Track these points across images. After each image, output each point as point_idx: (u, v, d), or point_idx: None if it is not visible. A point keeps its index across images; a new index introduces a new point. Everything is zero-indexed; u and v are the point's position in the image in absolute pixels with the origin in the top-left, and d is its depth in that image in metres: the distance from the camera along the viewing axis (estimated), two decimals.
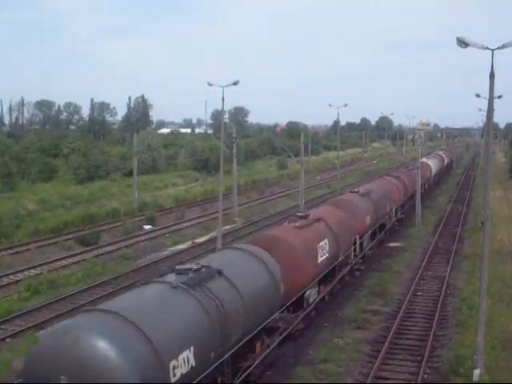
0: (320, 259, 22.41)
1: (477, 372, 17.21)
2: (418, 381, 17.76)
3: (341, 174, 65.25)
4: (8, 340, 21.90)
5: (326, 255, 23.23)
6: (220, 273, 15.43)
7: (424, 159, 67.21)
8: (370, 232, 32.40)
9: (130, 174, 61.30)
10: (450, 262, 32.83)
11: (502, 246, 35.18)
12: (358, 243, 28.88)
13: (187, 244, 38.57)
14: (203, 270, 15.17)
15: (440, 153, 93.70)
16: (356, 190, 35.45)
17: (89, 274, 30.64)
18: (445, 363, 19.06)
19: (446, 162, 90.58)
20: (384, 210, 36.85)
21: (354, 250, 28.37)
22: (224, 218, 41.10)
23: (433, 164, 69.30)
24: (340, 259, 25.45)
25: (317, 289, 22.47)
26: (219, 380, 14.68)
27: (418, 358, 19.72)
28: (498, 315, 22.64)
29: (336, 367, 18.85)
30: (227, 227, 43.35)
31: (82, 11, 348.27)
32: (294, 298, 19.88)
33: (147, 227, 44.34)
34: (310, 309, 21.51)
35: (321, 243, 22.71)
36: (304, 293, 20.86)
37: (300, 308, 20.68)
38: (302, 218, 23.78)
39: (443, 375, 18.27)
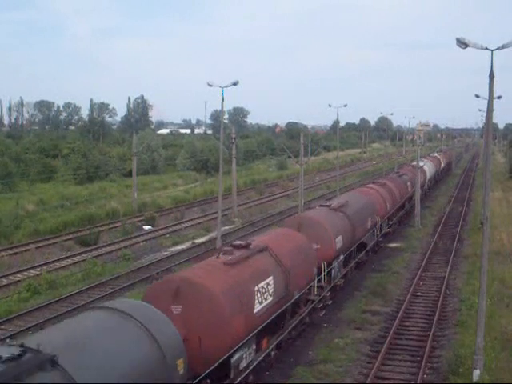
0: (258, 307, 16.52)
1: (476, 372, 17.22)
2: (418, 381, 17.77)
3: (340, 174, 65.26)
4: (8, 340, 21.86)
5: (270, 299, 17.37)
6: (53, 362, 9.11)
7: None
8: (342, 256, 26.66)
9: (129, 174, 61.32)
10: (450, 263, 32.84)
11: (501, 246, 35.21)
12: (324, 272, 23.36)
13: (187, 244, 38.55)
14: (25, 357, 8.97)
15: (436, 155, 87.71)
16: (328, 203, 29.30)
17: (88, 274, 30.63)
18: (444, 363, 19.06)
19: (442, 164, 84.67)
20: (364, 226, 30.65)
21: (319, 281, 22.75)
22: (223, 218, 41.13)
23: (427, 168, 62.94)
24: (294, 299, 19.66)
25: (253, 347, 16.62)
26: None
27: (418, 358, 19.72)
28: (498, 315, 22.66)
29: (336, 367, 18.85)
30: (227, 228, 43.34)
31: (81, 11, 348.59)
32: (213, 367, 14.04)
33: (147, 228, 44.32)
34: (242, 376, 15.71)
35: (261, 284, 16.91)
36: (230, 356, 14.89)
37: (224, 379, 15.07)
38: (239, 247, 17.82)
39: (443, 375, 18.27)
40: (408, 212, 48.23)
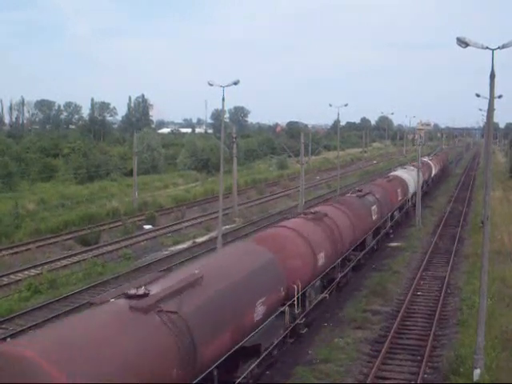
0: None
1: (477, 372, 17.21)
2: (418, 381, 17.77)
3: (341, 174, 65.24)
4: (8, 339, 21.87)
5: None
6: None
7: (398, 172, 49.90)
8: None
9: (130, 173, 61.31)
10: (450, 262, 32.84)
11: (502, 245, 35.17)
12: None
13: (187, 244, 38.57)
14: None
15: (427, 159, 70.57)
16: (255, 239, 20.43)
17: (89, 273, 30.66)
18: (445, 363, 19.04)
19: (434, 171, 70.12)
20: (311, 268, 20.63)
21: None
22: (224, 217, 41.11)
23: (412, 178, 49.04)
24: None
25: None
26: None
27: (418, 357, 19.72)
28: (499, 315, 22.65)
29: (336, 367, 18.84)
30: (227, 227, 43.35)
31: (82, 11, 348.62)
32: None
33: (147, 227, 44.34)
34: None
35: None
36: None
37: None
38: None
39: (443, 375, 18.27)
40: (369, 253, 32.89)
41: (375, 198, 34.31)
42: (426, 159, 69.52)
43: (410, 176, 49.35)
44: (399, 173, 49.52)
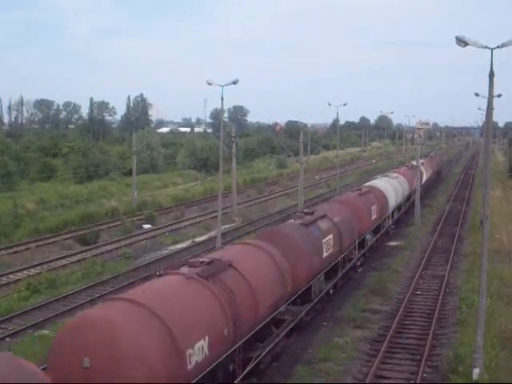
0: None
1: (476, 371, 17.22)
2: (418, 380, 17.77)
3: (340, 173, 65.25)
4: (8, 339, 21.90)
5: None
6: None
7: (377, 182, 41.38)
8: None
9: (129, 173, 61.30)
10: (450, 261, 32.85)
11: (501, 244, 35.19)
12: None
13: (187, 243, 38.57)
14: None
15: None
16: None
17: (88, 273, 30.66)
18: (444, 362, 19.06)
19: (426, 177, 61.15)
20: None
21: None
22: (223, 217, 41.13)
23: (393, 190, 41.38)
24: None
25: None
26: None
27: (418, 356, 19.73)
28: (498, 314, 22.65)
29: (335, 366, 18.85)
30: (226, 226, 43.36)
31: (81, 11, 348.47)
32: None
33: (146, 226, 44.34)
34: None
35: None
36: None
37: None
38: None
39: (442, 374, 18.28)
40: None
41: (331, 223, 25.43)
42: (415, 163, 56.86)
43: (390, 186, 40.97)
44: (377, 183, 40.69)
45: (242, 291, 15.77)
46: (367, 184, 40.41)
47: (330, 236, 24.61)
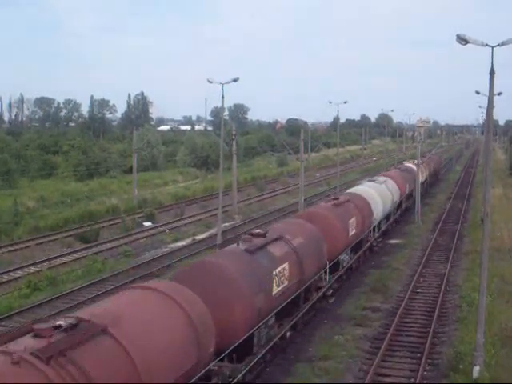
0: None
1: (476, 369, 17.23)
2: (418, 378, 17.78)
3: (340, 171, 65.22)
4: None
5: None
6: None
7: (360, 188, 36.24)
8: None
9: (129, 171, 61.32)
10: (450, 259, 32.85)
11: (501, 242, 35.20)
12: None
13: (187, 241, 38.58)
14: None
15: (411, 165, 56.04)
16: None
17: (89, 270, 30.66)
18: (444, 360, 19.08)
19: (422, 179, 54.22)
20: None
21: None
22: (224, 215, 41.15)
23: (380, 197, 35.85)
24: None
25: None
26: None
27: (418, 354, 19.73)
28: (498, 312, 22.66)
29: (336, 364, 18.86)
30: (227, 224, 43.35)
31: (81, 8, 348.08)
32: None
33: (147, 224, 44.35)
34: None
35: None
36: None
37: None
38: None
39: (443, 372, 18.30)
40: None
41: (289, 247, 20.15)
42: (410, 165, 56.26)
43: (377, 193, 35.71)
44: (361, 189, 35.56)
45: (115, 377, 10.06)
46: (349, 191, 35.46)
47: (285, 265, 19.19)
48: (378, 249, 35.52)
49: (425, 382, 17.90)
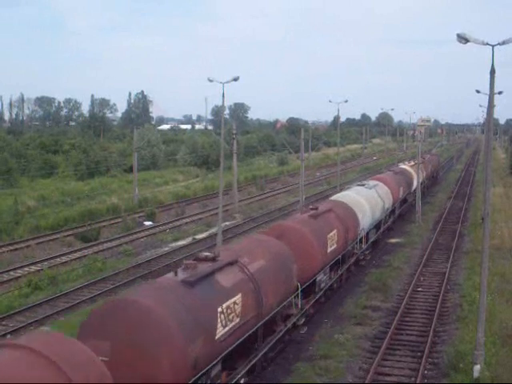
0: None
1: (477, 368, 17.23)
2: (418, 377, 17.78)
3: (341, 170, 65.20)
4: (9, 336, 21.91)
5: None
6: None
7: (346, 194, 32.02)
8: None
9: (130, 170, 61.29)
10: (450, 258, 32.84)
11: (502, 241, 35.20)
12: None
13: (187, 240, 38.58)
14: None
15: (406, 166, 52.18)
16: None
17: (89, 270, 30.67)
18: (445, 359, 19.08)
19: (416, 184, 48.36)
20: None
21: None
22: (224, 214, 41.14)
23: (368, 204, 31.68)
24: None
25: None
26: None
27: (419, 353, 19.74)
28: (498, 311, 22.67)
29: (336, 363, 18.86)
30: (227, 223, 43.36)
31: (82, 7, 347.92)
32: None
33: (147, 223, 44.35)
34: None
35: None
36: None
37: None
38: None
39: (443, 371, 18.30)
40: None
41: (244, 273, 16.26)
42: (405, 166, 52.11)
43: (365, 200, 31.63)
44: (346, 195, 31.57)
45: None
46: (332, 198, 31.75)
47: (237, 297, 15.17)
48: (367, 262, 31.47)
49: (425, 381, 17.91)
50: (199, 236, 39.72)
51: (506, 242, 35.32)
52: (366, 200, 31.97)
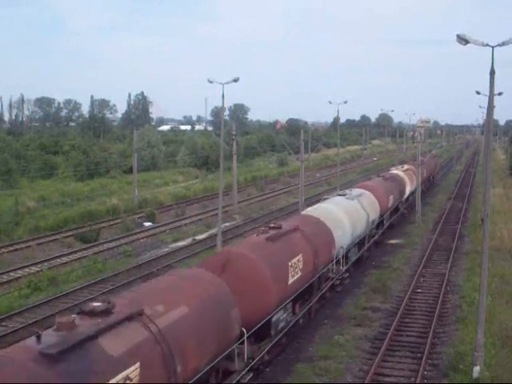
0: None
1: (477, 369, 17.23)
2: (418, 378, 17.78)
3: (341, 171, 65.22)
4: (9, 337, 21.89)
5: None
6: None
7: (323, 206, 27.52)
8: None
9: (129, 171, 61.30)
10: (450, 259, 32.84)
11: (501, 242, 35.19)
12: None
13: (187, 241, 38.59)
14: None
15: (399, 172, 48.22)
16: None
17: (89, 270, 30.67)
18: (445, 360, 19.09)
19: (410, 189, 47.73)
20: None
21: None
22: (224, 215, 41.15)
23: (348, 216, 27.24)
24: None
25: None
26: None
27: (418, 354, 19.74)
28: (498, 312, 22.67)
29: (336, 364, 18.87)
30: (227, 224, 43.37)
31: (82, 7, 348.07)
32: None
33: (147, 224, 44.35)
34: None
35: None
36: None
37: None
38: None
39: (443, 372, 18.30)
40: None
41: (148, 332, 11.46)
42: (398, 172, 48.03)
43: (345, 213, 27.28)
44: (322, 208, 27.08)
45: None
46: (303, 212, 27.29)
47: (131, 369, 10.49)
48: (346, 286, 26.63)
49: (425, 381, 17.92)
50: (199, 237, 39.73)
51: (506, 243, 35.31)
52: (346, 213, 27.39)
